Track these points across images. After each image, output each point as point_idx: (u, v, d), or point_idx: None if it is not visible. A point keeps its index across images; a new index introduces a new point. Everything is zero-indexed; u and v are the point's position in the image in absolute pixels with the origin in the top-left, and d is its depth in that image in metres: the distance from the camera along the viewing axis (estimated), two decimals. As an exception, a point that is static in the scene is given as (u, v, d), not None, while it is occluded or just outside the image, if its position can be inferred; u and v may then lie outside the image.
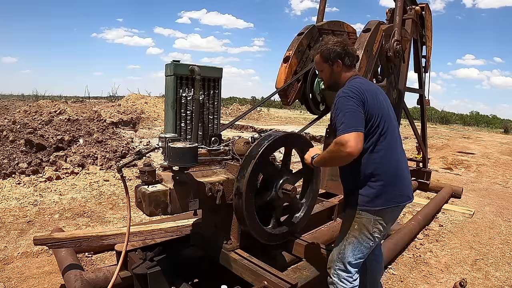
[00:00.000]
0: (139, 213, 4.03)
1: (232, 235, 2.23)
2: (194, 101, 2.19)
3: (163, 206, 1.86)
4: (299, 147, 2.23)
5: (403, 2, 4.32)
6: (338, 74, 2.01)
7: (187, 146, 1.83)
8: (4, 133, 6.43)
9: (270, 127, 14.57)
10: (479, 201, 5.79)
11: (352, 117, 1.76)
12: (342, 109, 1.79)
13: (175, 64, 2.14)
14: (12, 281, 2.81)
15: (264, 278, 1.91)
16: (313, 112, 4.17)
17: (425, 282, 3.10)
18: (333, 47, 1.96)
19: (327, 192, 4.09)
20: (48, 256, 3.20)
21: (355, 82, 1.95)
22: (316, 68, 2.10)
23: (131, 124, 14.42)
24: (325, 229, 3.60)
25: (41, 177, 5.51)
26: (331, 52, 1.96)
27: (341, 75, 2.01)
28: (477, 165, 9.38)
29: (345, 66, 1.99)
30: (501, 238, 4.20)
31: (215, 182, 2.05)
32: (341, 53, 1.96)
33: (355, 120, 1.76)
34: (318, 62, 2.03)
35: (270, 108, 28.78)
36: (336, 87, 2.03)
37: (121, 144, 7.88)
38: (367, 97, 1.85)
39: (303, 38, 3.82)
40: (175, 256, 2.38)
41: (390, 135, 1.92)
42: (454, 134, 19.27)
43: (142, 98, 20.19)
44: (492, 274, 3.31)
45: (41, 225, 3.94)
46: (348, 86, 1.90)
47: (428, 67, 5.80)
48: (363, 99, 1.83)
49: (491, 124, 31.41)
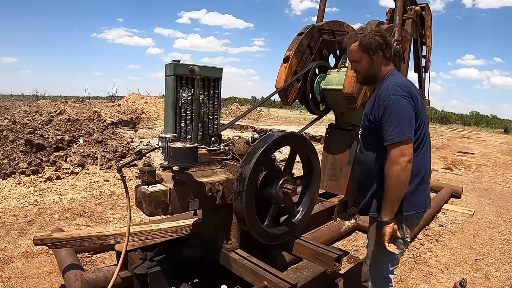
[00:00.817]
0: (139, 213, 4.03)
1: (232, 235, 2.23)
2: (194, 101, 2.19)
3: (163, 206, 1.86)
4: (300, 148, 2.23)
5: (403, 2, 4.32)
6: (378, 67, 1.88)
7: (187, 146, 1.83)
8: (4, 133, 6.43)
9: (270, 127, 14.57)
10: (479, 201, 5.79)
11: (406, 121, 1.66)
12: (395, 111, 1.67)
13: (175, 64, 2.14)
14: (12, 281, 2.81)
15: (264, 278, 1.91)
16: (313, 112, 4.17)
17: (425, 282, 3.10)
18: (375, 36, 1.82)
19: (327, 192, 4.09)
20: (48, 256, 3.19)
21: (401, 78, 1.84)
22: (351, 57, 1.93)
23: (131, 124, 14.41)
24: (325, 229, 3.61)
25: (41, 177, 5.51)
26: (373, 42, 1.82)
27: (380, 68, 1.88)
28: (477, 165, 9.38)
29: (385, 58, 1.87)
30: (501, 238, 4.20)
31: (215, 182, 2.05)
32: (382, 44, 1.84)
33: (409, 125, 1.66)
34: (356, 51, 1.87)
35: (270, 108, 28.77)
36: (373, 81, 1.92)
37: (121, 144, 7.88)
38: (417, 97, 1.75)
39: (303, 38, 3.81)
40: (175, 256, 2.38)
41: (427, 139, 1.86)
42: (454, 134, 19.26)
43: (142, 98, 20.18)
44: (492, 274, 3.31)
45: (41, 225, 3.94)
46: (397, 83, 1.76)
47: (428, 67, 5.80)
48: (414, 100, 1.72)
49: (491, 124, 31.40)
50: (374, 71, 1.88)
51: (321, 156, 4.02)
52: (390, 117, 1.67)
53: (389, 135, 1.65)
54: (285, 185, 2.14)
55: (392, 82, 1.77)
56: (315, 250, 2.26)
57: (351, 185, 4.02)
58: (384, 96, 1.72)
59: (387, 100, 1.70)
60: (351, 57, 1.93)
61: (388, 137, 1.66)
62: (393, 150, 1.63)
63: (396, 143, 1.63)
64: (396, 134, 1.63)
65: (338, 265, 2.15)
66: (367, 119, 1.87)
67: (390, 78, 1.84)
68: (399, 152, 1.62)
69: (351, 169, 3.95)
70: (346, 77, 3.42)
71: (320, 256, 2.23)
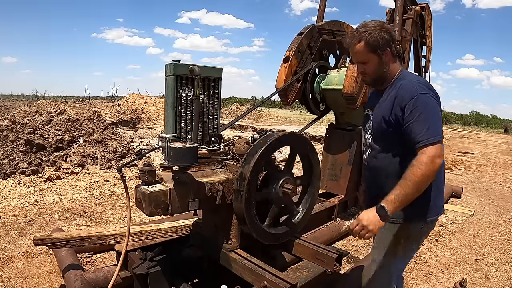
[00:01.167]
0: (139, 213, 4.03)
1: (232, 235, 2.23)
2: (194, 101, 2.19)
3: (163, 206, 1.86)
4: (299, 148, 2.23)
5: (403, 2, 4.32)
6: (387, 66, 1.72)
7: (187, 146, 1.83)
8: (4, 133, 6.43)
9: (270, 127, 14.57)
10: (479, 201, 5.79)
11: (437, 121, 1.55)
12: (427, 109, 1.55)
13: (175, 64, 2.14)
14: (12, 281, 2.80)
15: (264, 278, 1.90)
16: (313, 112, 4.17)
17: (425, 282, 3.10)
18: (381, 33, 1.65)
19: (327, 192, 4.09)
20: (48, 256, 3.19)
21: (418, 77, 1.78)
22: (356, 59, 1.75)
23: (131, 124, 14.41)
24: (325, 229, 3.61)
25: (41, 177, 5.51)
26: (380, 39, 1.64)
27: (389, 66, 1.72)
28: (477, 165, 9.38)
29: (392, 55, 1.71)
30: (501, 238, 4.20)
31: (215, 182, 2.05)
32: (389, 40, 1.67)
33: (439, 125, 1.56)
34: (362, 52, 1.69)
35: (270, 108, 28.77)
36: (382, 82, 1.77)
37: (121, 144, 7.88)
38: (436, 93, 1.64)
39: (303, 38, 3.81)
40: (175, 256, 2.38)
41: None
42: (454, 134, 19.26)
43: (142, 98, 20.18)
44: (492, 274, 3.31)
45: (41, 225, 3.94)
46: (420, 81, 1.67)
47: (428, 67, 5.80)
48: (438, 99, 1.62)
49: (491, 124, 31.41)
50: (384, 71, 1.73)
51: (321, 156, 4.02)
52: (422, 116, 1.54)
53: (424, 135, 1.52)
54: (285, 185, 2.14)
55: (415, 79, 1.67)
56: (315, 250, 2.26)
57: (351, 185, 4.02)
58: (411, 94, 1.58)
59: (416, 98, 1.56)
60: (357, 58, 1.74)
61: (422, 137, 1.52)
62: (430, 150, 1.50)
63: (433, 143, 1.51)
64: (431, 133, 1.51)
65: (338, 265, 2.15)
66: (385, 121, 1.70)
67: (407, 75, 1.73)
68: (436, 152, 1.50)
69: (351, 169, 3.95)
70: (346, 77, 3.42)
71: (320, 256, 2.23)
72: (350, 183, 3.99)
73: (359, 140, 4.04)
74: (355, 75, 3.35)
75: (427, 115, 1.55)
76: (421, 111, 1.55)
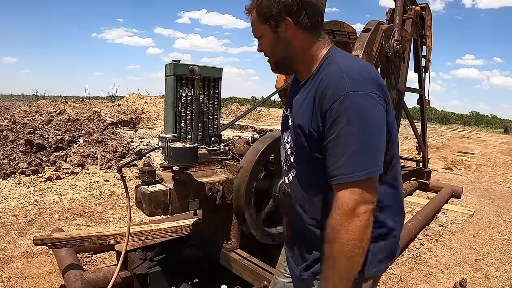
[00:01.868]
0: (139, 213, 4.03)
1: (232, 235, 2.23)
2: (194, 101, 2.19)
3: (163, 206, 1.86)
4: None
5: (403, 2, 4.32)
6: (291, 44, 1.13)
7: (187, 146, 1.83)
8: (4, 133, 6.44)
9: (270, 127, 14.57)
10: (479, 201, 5.79)
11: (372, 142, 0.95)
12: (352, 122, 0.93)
13: (175, 64, 2.14)
14: (12, 281, 2.81)
15: (264, 278, 1.91)
16: (313, 112, 4.17)
17: (425, 282, 3.10)
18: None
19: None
20: (48, 256, 3.19)
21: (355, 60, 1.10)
22: (253, 34, 1.21)
23: (131, 124, 14.41)
24: (325, 229, 3.60)
25: (41, 177, 5.51)
26: (274, 4, 1.08)
27: (297, 45, 1.13)
28: (477, 165, 9.38)
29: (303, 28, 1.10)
30: (501, 238, 4.20)
31: (215, 182, 2.05)
32: (292, 5, 1.07)
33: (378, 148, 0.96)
34: (254, 24, 1.17)
35: (270, 108, 28.77)
36: (291, 68, 1.19)
37: (121, 144, 7.88)
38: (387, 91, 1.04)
39: (303, 38, 3.81)
40: (175, 256, 2.38)
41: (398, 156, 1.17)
42: (454, 134, 19.27)
43: (142, 98, 20.17)
44: (492, 274, 3.31)
45: (41, 225, 3.94)
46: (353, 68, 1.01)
47: (428, 67, 5.80)
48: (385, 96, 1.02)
49: (491, 124, 31.41)
50: (287, 51, 1.14)
51: (321, 156, 4.02)
52: (346, 131, 0.93)
53: (340, 167, 0.93)
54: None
55: (344, 66, 1.01)
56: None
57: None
58: (335, 92, 0.96)
59: (342, 100, 0.94)
60: (253, 32, 1.20)
61: (338, 171, 0.94)
62: (344, 196, 0.93)
63: (352, 182, 0.92)
64: (353, 164, 0.92)
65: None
66: (304, 135, 1.07)
67: (338, 58, 1.07)
68: (355, 199, 0.92)
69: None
70: None
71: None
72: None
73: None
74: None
75: (356, 130, 0.93)
76: (346, 123, 0.93)
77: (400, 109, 4.88)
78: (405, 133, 13.92)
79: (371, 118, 0.95)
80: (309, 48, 1.13)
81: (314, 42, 1.13)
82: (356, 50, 3.49)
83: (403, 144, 12.33)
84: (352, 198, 0.92)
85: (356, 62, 1.08)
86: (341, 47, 4.41)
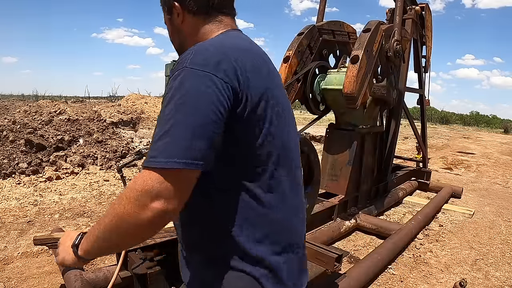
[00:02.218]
0: (139, 213, 4.02)
1: (232, 235, 2.23)
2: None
3: (163, 206, 1.86)
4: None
5: (403, 2, 4.32)
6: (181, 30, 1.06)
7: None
8: (4, 133, 6.44)
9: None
10: (479, 201, 5.79)
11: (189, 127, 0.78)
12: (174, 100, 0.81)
13: (175, 64, 2.14)
14: (12, 281, 2.81)
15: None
16: (313, 112, 4.18)
17: (425, 282, 3.10)
18: None
19: (327, 192, 4.09)
20: (48, 256, 3.20)
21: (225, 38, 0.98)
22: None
23: (131, 124, 14.41)
24: (325, 229, 3.61)
25: (41, 177, 5.51)
26: None
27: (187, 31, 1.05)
28: (477, 165, 9.38)
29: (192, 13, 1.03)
30: (501, 238, 4.20)
31: (215, 182, 2.05)
32: None
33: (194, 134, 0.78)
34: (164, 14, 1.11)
35: (270, 108, 28.77)
36: None
37: (121, 144, 7.88)
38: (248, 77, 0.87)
39: (303, 38, 3.82)
40: (175, 256, 2.38)
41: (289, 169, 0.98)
42: (454, 134, 19.27)
43: (142, 98, 20.18)
44: (492, 274, 3.31)
45: (41, 225, 3.94)
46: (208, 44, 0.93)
47: (428, 67, 5.81)
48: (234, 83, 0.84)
49: (491, 124, 31.45)
50: (179, 39, 1.09)
51: (321, 156, 4.03)
52: (166, 110, 0.81)
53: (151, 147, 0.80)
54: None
55: (202, 45, 0.92)
56: (315, 250, 2.26)
57: (351, 185, 4.03)
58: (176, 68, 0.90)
59: (175, 76, 0.86)
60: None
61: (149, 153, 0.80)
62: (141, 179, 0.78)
63: (153, 168, 0.77)
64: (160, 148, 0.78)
65: (338, 265, 2.15)
66: None
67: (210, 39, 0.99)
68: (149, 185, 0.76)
69: (351, 169, 3.96)
70: (346, 77, 3.43)
71: (320, 256, 2.23)
72: (350, 183, 3.99)
73: (359, 140, 4.05)
74: (355, 75, 3.35)
75: (175, 109, 0.80)
76: (168, 101, 0.82)
77: (400, 109, 4.89)
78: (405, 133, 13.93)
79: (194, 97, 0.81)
80: (197, 33, 1.04)
81: (202, 27, 1.03)
82: (356, 50, 3.49)
83: (403, 144, 12.34)
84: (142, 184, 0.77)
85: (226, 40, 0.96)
86: (341, 47, 4.42)
